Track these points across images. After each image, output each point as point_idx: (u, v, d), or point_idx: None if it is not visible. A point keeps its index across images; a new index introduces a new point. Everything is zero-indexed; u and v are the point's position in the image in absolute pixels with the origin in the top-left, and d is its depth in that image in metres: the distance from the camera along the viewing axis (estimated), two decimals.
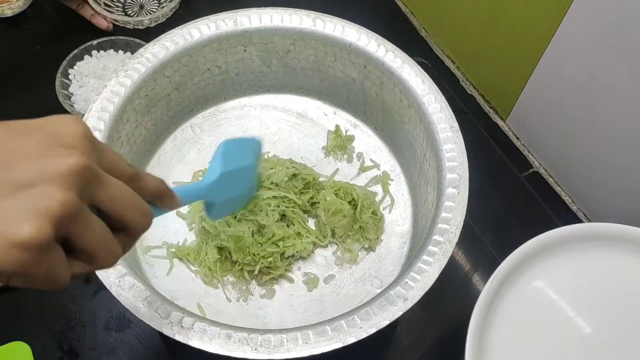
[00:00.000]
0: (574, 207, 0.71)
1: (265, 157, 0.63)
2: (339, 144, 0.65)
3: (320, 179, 0.62)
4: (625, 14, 0.53)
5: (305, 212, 0.60)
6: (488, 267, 0.63)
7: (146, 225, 0.34)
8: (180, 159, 0.64)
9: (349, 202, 0.60)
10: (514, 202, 0.71)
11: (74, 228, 0.29)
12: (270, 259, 0.56)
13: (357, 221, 0.59)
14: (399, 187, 0.63)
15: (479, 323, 0.50)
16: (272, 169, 0.60)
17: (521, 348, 0.51)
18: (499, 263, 0.52)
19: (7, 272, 0.27)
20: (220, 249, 0.57)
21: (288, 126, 0.67)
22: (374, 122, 0.66)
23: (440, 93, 0.58)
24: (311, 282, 0.58)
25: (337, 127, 0.66)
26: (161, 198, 0.36)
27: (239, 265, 0.56)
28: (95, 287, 0.62)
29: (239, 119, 0.67)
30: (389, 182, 0.63)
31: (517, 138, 0.75)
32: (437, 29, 0.81)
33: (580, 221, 0.70)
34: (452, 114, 0.57)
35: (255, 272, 0.56)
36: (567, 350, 0.51)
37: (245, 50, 0.63)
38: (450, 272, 0.49)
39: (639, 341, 0.52)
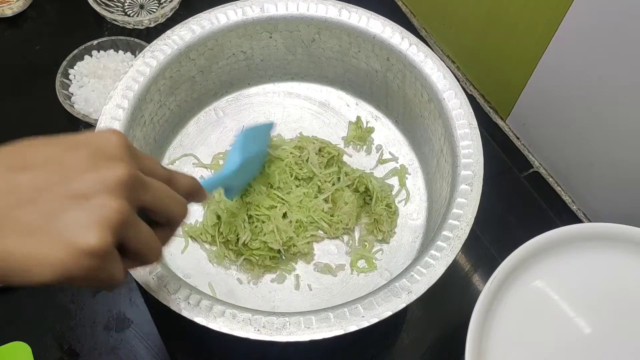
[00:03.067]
0: (574, 207, 0.71)
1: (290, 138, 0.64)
2: (359, 135, 0.65)
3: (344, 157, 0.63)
4: (625, 14, 0.53)
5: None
6: (488, 267, 0.63)
7: (185, 215, 0.39)
8: (203, 141, 0.65)
9: (363, 192, 0.60)
10: (514, 202, 0.71)
11: (127, 232, 0.33)
12: (258, 250, 0.57)
13: (370, 213, 0.60)
14: (416, 182, 0.63)
15: (479, 323, 0.50)
16: (299, 147, 0.61)
17: (521, 348, 0.51)
18: (499, 263, 0.52)
19: (77, 277, 0.31)
20: (218, 217, 0.58)
21: (310, 114, 0.67)
22: (395, 115, 0.66)
23: (461, 89, 0.58)
24: (322, 270, 0.58)
25: (358, 118, 0.66)
26: (193, 195, 0.41)
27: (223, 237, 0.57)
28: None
29: (262, 105, 0.68)
30: (406, 175, 0.64)
31: (517, 138, 0.75)
32: (437, 29, 0.81)
33: (580, 221, 0.70)
34: (471, 110, 0.57)
35: (238, 253, 0.57)
36: (567, 350, 0.51)
37: (270, 37, 0.63)
38: (450, 272, 0.49)
39: (639, 341, 0.52)
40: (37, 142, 0.34)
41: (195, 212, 0.60)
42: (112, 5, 0.80)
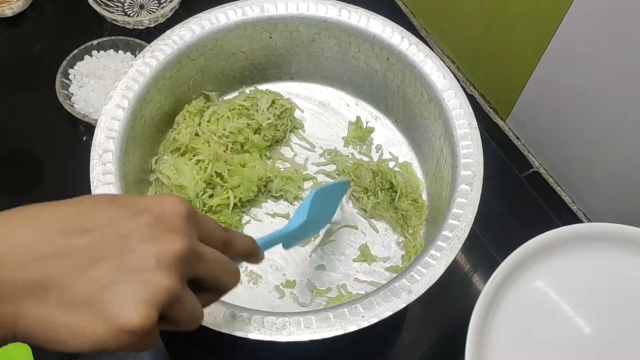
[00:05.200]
0: (574, 207, 0.71)
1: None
2: (359, 135, 0.65)
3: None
4: (625, 15, 0.53)
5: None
6: (488, 267, 0.63)
7: (235, 285, 0.38)
8: None
9: (388, 189, 0.61)
10: (514, 202, 0.71)
11: (173, 308, 0.32)
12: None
13: (397, 209, 0.60)
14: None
15: (479, 323, 0.50)
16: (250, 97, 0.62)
17: (521, 348, 0.51)
18: (499, 263, 0.52)
19: (113, 349, 0.30)
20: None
21: (310, 115, 0.67)
22: (395, 115, 0.66)
23: (461, 89, 0.58)
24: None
25: (358, 118, 0.66)
26: (250, 257, 0.41)
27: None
28: None
29: None
30: (412, 170, 0.64)
31: (517, 138, 0.75)
32: (438, 29, 0.81)
33: (580, 221, 0.70)
34: (471, 110, 0.57)
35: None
36: (567, 350, 0.51)
37: (270, 37, 0.63)
38: (450, 272, 0.49)
39: (639, 341, 0.52)
40: (99, 201, 0.33)
41: None
42: (112, 5, 0.80)
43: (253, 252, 0.41)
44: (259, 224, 0.61)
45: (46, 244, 0.30)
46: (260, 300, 0.56)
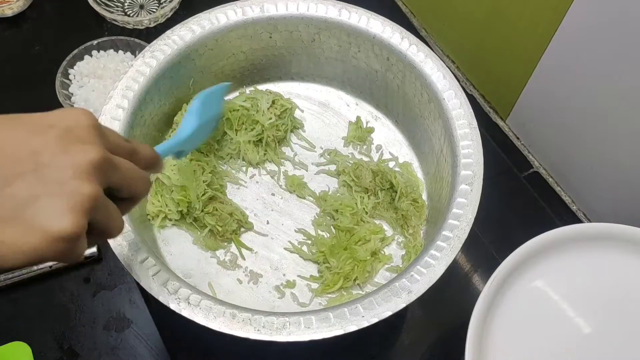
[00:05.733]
0: (574, 207, 0.71)
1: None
2: (359, 135, 0.65)
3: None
4: (626, 14, 0.53)
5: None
6: (488, 267, 0.63)
7: (148, 191, 0.40)
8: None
9: (388, 189, 0.60)
10: (514, 202, 0.71)
11: (97, 214, 0.33)
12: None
13: (397, 209, 0.60)
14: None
15: (479, 323, 0.50)
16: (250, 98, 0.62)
17: (521, 348, 0.51)
18: (499, 263, 0.52)
19: (48, 259, 0.32)
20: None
21: (310, 115, 0.67)
22: (395, 115, 0.66)
23: (461, 89, 0.58)
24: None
25: (358, 118, 0.66)
26: (153, 166, 0.42)
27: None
28: (95, 287, 0.62)
29: None
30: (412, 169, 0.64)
31: (517, 138, 0.75)
32: (437, 29, 0.81)
33: (580, 221, 0.70)
34: (471, 110, 0.57)
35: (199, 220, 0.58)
36: (567, 350, 0.51)
37: (270, 37, 0.63)
38: (450, 272, 0.49)
39: (639, 341, 0.52)
40: (1, 124, 0.33)
41: None
42: (112, 5, 0.80)
43: (156, 161, 0.42)
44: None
45: None
46: (260, 300, 0.56)
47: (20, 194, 0.31)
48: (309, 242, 0.59)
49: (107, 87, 0.70)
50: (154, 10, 0.81)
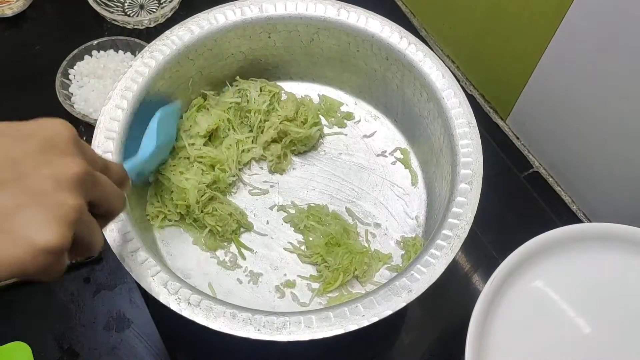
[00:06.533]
0: (574, 207, 0.71)
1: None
2: (327, 109, 0.66)
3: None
4: (626, 14, 0.53)
5: None
6: (488, 267, 0.63)
7: (123, 208, 0.40)
8: None
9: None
10: (514, 202, 0.71)
11: (81, 228, 0.33)
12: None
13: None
14: (415, 181, 0.64)
15: (479, 323, 0.50)
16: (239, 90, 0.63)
17: (521, 348, 0.51)
18: (499, 263, 0.52)
19: (31, 273, 0.31)
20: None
21: None
22: (394, 114, 0.66)
23: (460, 88, 0.58)
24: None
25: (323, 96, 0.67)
26: (122, 184, 0.42)
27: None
28: (95, 287, 0.62)
29: None
30: (410, 159, 0.64)
31: (517, 138, 0.75)
32: (437, 29, 0.81)
33: (580, 221, 0.70)
34: (470, 109, 0.57)
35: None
36: (567, 350, 0.51)
37: (269, 37, 0.63)
38: (450, 272, 0.49)
39: (639, 341, 0.52)
40: None
41: None
42: (112, 5, 0.80)
43: (125, 179, 0.42)
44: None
45: None
46: (260, 300, 0.56)
47: (3, 204, 0.30)
48: (302, 247, 0.59)
49: (107, 87, 0.70)
50: (154, 10, 0.81)
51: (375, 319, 0.46)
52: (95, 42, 0.73)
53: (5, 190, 0.30)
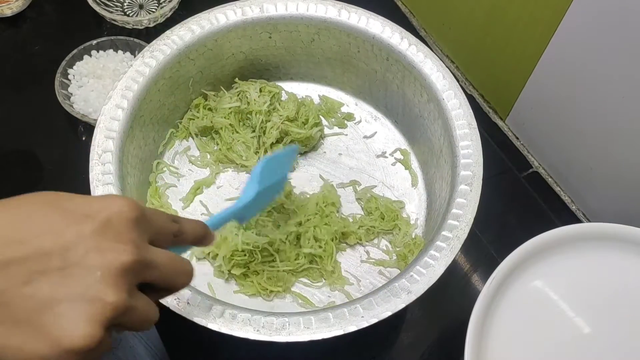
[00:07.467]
0: (574, 207, 0.71)
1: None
2: (327, 109, 0.66)
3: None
4: (625, 14, 0.53)
5: None
6: (488, 267, 0.63)
7: (188, 284, 0.37)
8: None
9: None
10: (513, 202, 0.71)
11: (122, 319, 0.31)
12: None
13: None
14: (415, 182, 0.64)
15: (479, 323, 0.50)
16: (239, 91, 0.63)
17: (521, 348, 0.51)
18: (499, 263, 0.52)
19: None
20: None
21: None
22: (395, 115, 0.66)
23: (460, 89, 0.58)
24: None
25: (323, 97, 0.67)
26: (201, 241, 0.40)
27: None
28: None
29: None
30: (410, 159, 0.64)
31: (517, 138, 0.75)
32: (437, 29, 0.81)
33: (579, 221, 0.70)
34: (471, 111, 0.57)
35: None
36: (567, 350, 0.51)
37: (270, 38, 0.63)
38: (450, 272, 0.49)
39: (639, 341, 0.52)
40: (38, 206, 0.31)
41: None
42: (112, 5, 0.80)
43: (204, 237, 0.40)
44: None
45: None
46: (260, 300, 0.56)
47: (40, 296, 0.28)
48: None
49: (107, 87, 0.70)
50: (154, 10, 0.81)
51: (374, 320, 0.46)
52: (94, 42, 0.73)
53: (47, 279, 0.29)
